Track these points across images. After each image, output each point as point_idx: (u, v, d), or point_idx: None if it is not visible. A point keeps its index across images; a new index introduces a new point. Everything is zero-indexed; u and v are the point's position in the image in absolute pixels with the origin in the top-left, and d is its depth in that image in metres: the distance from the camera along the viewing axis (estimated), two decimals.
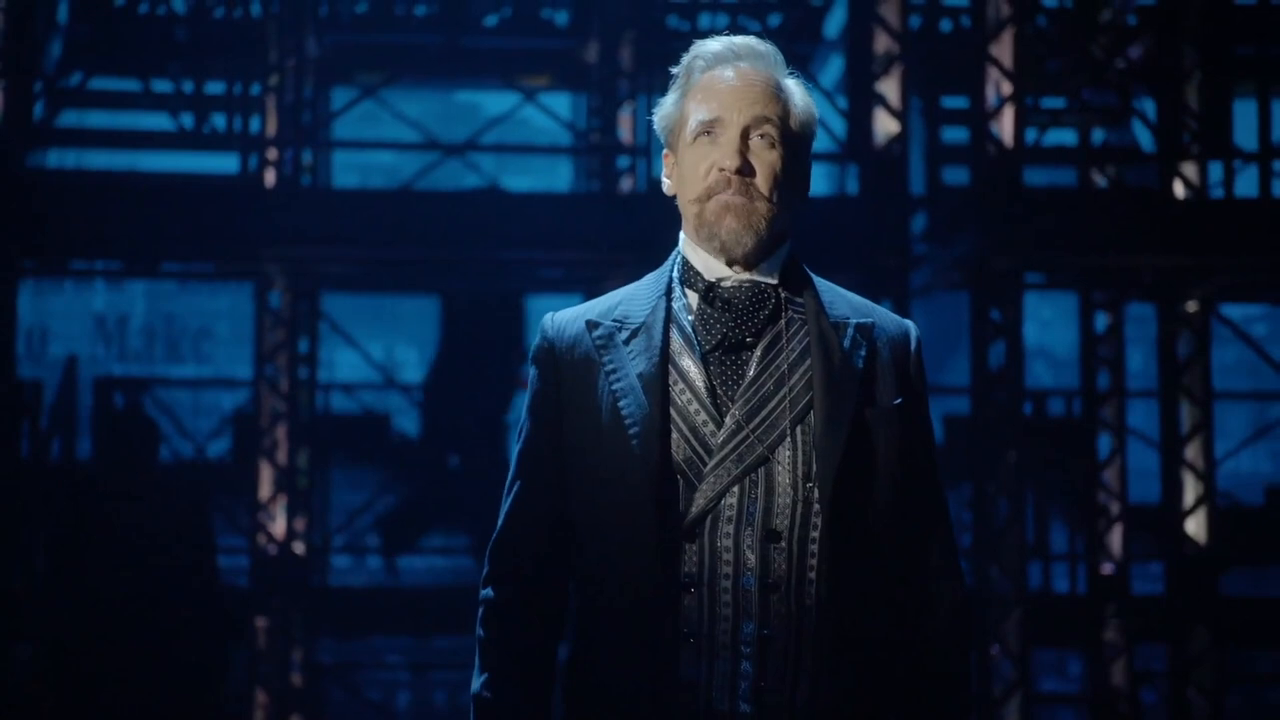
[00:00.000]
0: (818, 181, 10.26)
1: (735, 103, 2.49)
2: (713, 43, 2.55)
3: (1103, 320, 10.16)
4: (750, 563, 2.41)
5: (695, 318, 2.52)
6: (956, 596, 2.55)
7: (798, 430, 2.44)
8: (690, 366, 2.49)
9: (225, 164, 9.61)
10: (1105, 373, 10.07)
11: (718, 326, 2.50)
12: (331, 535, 10.33)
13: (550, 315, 2.61)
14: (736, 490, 2.43)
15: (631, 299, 2.58)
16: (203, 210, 8.77)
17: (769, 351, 2.49)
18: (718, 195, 2.47)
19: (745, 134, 2.48)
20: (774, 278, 2.53)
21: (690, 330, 2.51)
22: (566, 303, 2.74)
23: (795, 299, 2.53)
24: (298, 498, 9.43)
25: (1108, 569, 9.58)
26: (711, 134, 2.49)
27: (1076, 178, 10.36)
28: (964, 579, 2.59)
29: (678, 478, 2.43)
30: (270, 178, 9.15)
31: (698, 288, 2.53)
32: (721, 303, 2.51)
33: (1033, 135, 9.45)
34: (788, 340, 2.50)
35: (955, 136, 9.86)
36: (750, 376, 2.47)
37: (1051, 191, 10.03)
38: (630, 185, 9.30)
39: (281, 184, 9.17)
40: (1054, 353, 31.34)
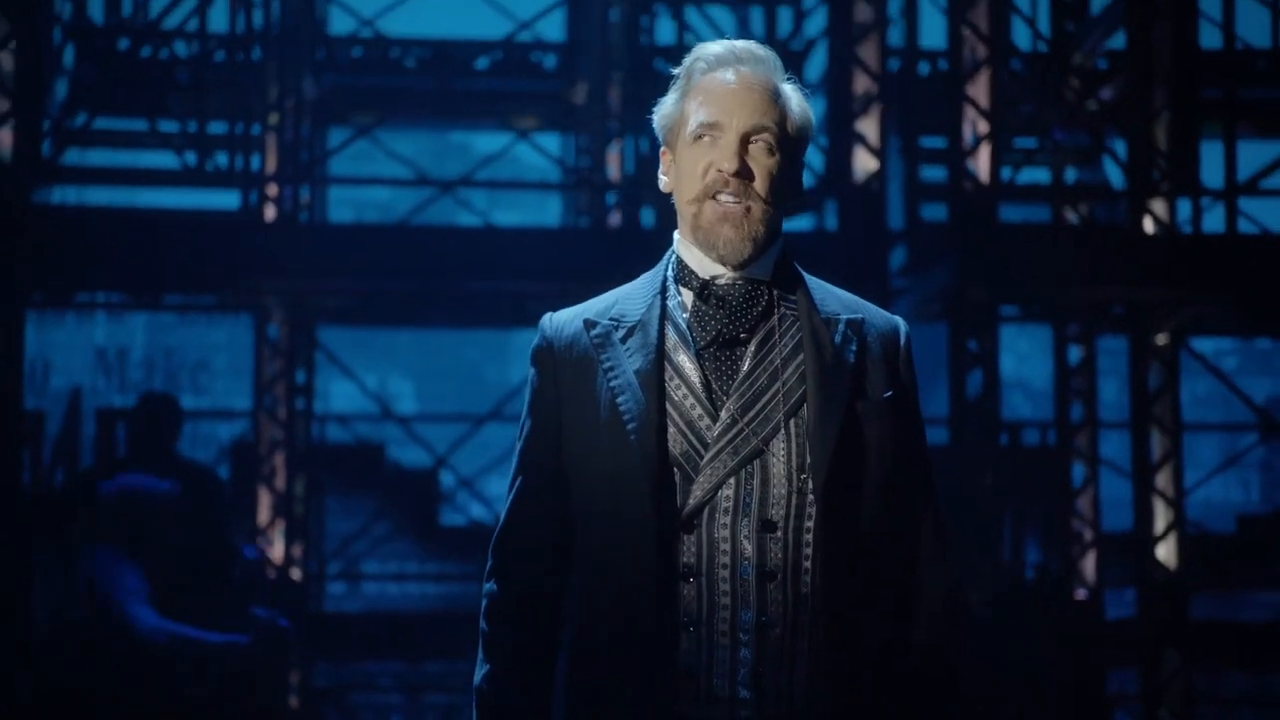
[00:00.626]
0: (800, 219, 10.39)
1: (735, 106, 2.52)
2: (714, 45, 2.57)
3: (1076, 353, 10.38)
4: (747, 552, 2.44)
5: (690, 315, 2.55)
6: (949, 582, 2.58)
7: (791, 423, 2.48)
8: (686, 362, 2.52)
9: (226, 200, 9.81)
10: (1079, 404, 10.32)
11: (712, 323, 2.53)
12: (327, 562, 10.55)
13: (549, 315, 2.68)
14: (733, 482, 2.46)
15: (628, 298, 2.61)
16: (204, 244, 9.05)
17: (763, 347, 2.53)
18: (715, 196, 2.53)
19: (745, 138, 2.51)
20: (767, 275, 2.56)
21: (685, 327, 2.54)
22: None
23: (788, 296, 2.57)
24: (295, 524, 9.68)
25: (1081, 594, 9.81)
26: (711, 135, 2.52)
27: (1050, 214, 10.61)
28: (955, 566, 2.65)
29: (675, 471, 2.47)
30: (270, 213, 9.42)
31: (692, 285, 2.56)
32: (716, 300, 2.54)
33: (1008, 173, 9.72)
34: (781, 336, 2.53)
35: (933, 174, 10.16)
36: (744, 371, 2.51)
37: (1026, 227, 10.33)
38: (618, 220, 9.59)
39: (280, 219, 9.44)
40: (1031, 384, 31.59)
